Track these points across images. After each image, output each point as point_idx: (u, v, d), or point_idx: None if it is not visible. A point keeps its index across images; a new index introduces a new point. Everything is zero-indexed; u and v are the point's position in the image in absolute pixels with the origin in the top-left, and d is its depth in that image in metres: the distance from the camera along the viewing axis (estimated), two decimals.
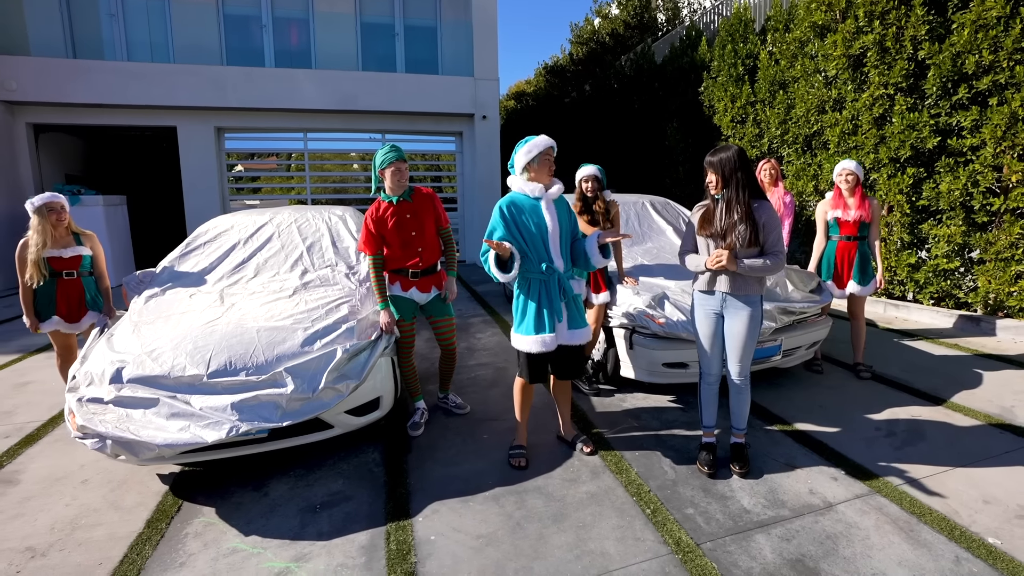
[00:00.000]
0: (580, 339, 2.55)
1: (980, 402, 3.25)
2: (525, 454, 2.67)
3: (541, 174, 2.47)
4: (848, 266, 3.62)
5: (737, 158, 2.28)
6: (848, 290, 3.64)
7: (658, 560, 1.97)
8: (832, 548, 2.01)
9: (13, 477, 2.66)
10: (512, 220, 2.45)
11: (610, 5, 17.14)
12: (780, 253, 2.34)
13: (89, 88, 8.57)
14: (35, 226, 3.00)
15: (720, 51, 7.79)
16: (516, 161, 2.49)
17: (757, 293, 2.40)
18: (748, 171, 2.31)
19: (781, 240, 2.36)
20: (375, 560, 2.02)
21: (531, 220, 2.46)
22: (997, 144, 4.46)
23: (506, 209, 2.46)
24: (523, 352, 2.52)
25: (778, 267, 2.32)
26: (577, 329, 2.54)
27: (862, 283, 3.60)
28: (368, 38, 10.09)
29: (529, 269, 2.47)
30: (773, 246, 2.33)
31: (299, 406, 2.40)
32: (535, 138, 2.46)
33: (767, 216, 2.32)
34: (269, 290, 3.17)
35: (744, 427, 2.59)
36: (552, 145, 2.46)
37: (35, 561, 2.05)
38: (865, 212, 3.54)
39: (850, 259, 3.61)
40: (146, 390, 2.34)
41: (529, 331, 2.46)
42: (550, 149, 2.46)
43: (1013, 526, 2.11)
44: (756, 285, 2.40)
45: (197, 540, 2.16)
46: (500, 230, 2.45)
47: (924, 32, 4.91)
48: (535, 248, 2.47)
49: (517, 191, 2.50)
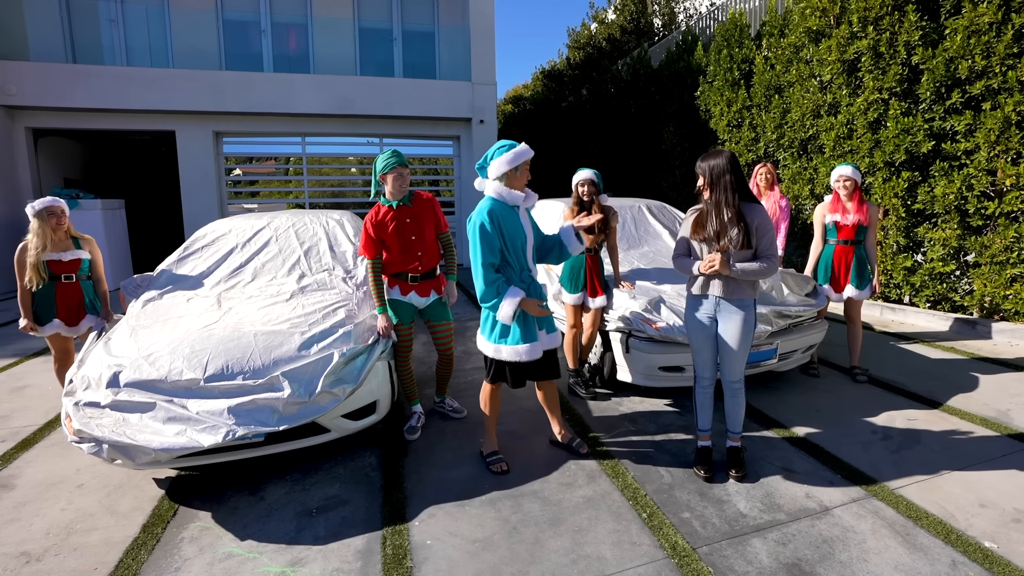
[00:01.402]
0: (556, 342, 2.60)
1: (976, 405, 3.26)
2: (503, 457, 2.68)
3: (520, 182, 2.44)
4: (845, 270, 3.63)
5: (726, 162, 2.30)
6: (845, 294, 3.65)
7: (654, 564, 1.97)
8: (828, 552, 2.01)
9: (9, 482, 2.66)
10: (498, 232, 2.38)
11: (607, 10, 17.25)
12: (773, 256, 2.35)
13: (89, 93, 8.58)
14: (35, 229, 3.01)
15: (716, 56, 7.85)
16: (495, 167, 2.40)
17: (750, 297, 2.41)
18: (738, 174, 2.31)
19: (774, 244, 2.37)
20: (371, 565, 2.01)
21: (511, 228, 2.41)
22: (991, 148, 4.49)
23: (488, 223, 2.34)
24: (507, 361, 2.47)
25: (771, 271, 2.33)
26: (553, 333, 2.59)
27: (859, 287, 3.61)
28: (366, 43, 10.13)
29: (511, 278, 2.45)
30: (766, 249, 2.34)
31: (296, 410, 2.40)
32: (517, 145, 2.42)
33: (759, 219, 2.33)
34: (266, 294, 3.18)
35: (739, 431, 2.59)
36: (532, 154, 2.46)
37: (30, 566, 2.04)
38: (863, 216, 3.55)
39: (847, 263, 3.61)
40: (143, 394, 2.34)
41: (517, 340, 2.43)
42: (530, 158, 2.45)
43: (1009, 530, 2.11)
44: (749, 289, 2.41)
45: (193, 545, 2.16)
46: (495, 248, 2.37)
47: (918, 37, 4.95)
48: (516, 256, 2.46)
49: (496, 197, 2.42)
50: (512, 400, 3.45)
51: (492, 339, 2.49)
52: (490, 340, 2.50)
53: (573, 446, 2.79)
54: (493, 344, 2.48)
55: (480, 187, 2.49)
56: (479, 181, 2.51)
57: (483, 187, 2.48)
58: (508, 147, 2.41)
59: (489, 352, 2.51)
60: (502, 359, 2.47)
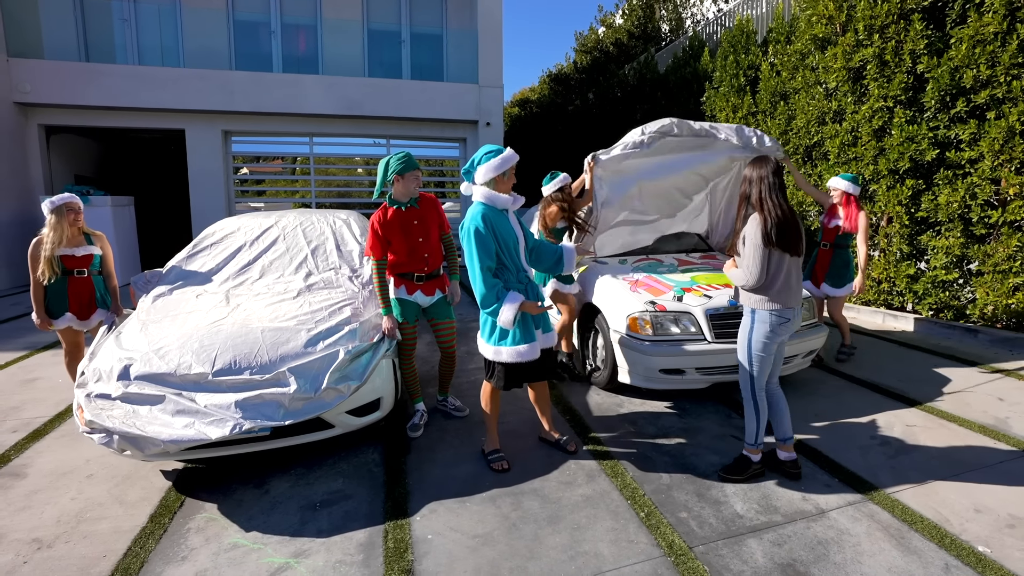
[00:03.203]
0: (552, 341, 2.70)
1: (975, 413, 3.28)
2: (504, 456, 2.74)
3: (506, 186, 2.53)
4: (823, 270, 4.14)
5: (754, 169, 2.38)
6: (823, 290, 4.14)
7: (651, 562, 2.00)
8: (823, 553, 2.04)
9: (20, 471, 2.72)
10: (492, 234, 2.44)
11: (614, 15, 17.31)
12: (744, 268, 2.36)
13: (100, 91, 8.71)
14: (52, 224, 3.08)
15: (722, 62, 7.88)
16: (482, 172, 2.49)
17: (750, 306, 2.44)
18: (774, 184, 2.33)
19: (750, 256, 2.33)
20: (373, 557, 2.05)
21: (503, 230, 2.49)
22: (995, 157, 4.50)
23: (483, 226, 2.41)
24: (506, 363, 2.52)
25: (738, 279, 2.41)
26: (549, 332, 2.68)
27: (834, 286, 4.08)
28: (375, 45, 10.24)
29: (508, 280, 2.52)
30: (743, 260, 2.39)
31: (301, 405, 2.45)
32: (504, 151, 2.51)
33: (747, 230, 2.36)
34: (274, 292, 3.23)
35: (749, 441, 2.54)
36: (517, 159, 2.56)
37: (41, 552, 2.10)
38: (850, 224, 3.92)
39: (826, 264, 4.10)
40: (153, 387, 2.40)
41: (517, 341, 2.48)
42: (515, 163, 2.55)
43: (1003, 535, 2.13)
44: (744, 296, 2.46)
45: (199, 535, 2.21)
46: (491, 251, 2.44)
47: (923, 46, 4.97)
48: (511, 258, 2.54)
49: (486, 201, 2.49)
50: (513, 400, 3.49)
51: (492, 342, 2.54)
52: (490, 343, 2.55)
53: (561, 443, 2.85)
54: (493, 347, 2.53)
55: (467, 191, 2.59)
56: (465, 186, 2.60)
57: (470, 191, 2.57)
58: (495, 152, 2.50)
59: (489, 355, 2.56)
60: (502, 361, 2.52)
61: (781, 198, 2.32)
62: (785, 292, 2.36)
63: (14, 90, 8.45)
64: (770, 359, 2.45)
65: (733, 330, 3.29)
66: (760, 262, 2.30)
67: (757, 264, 2.31)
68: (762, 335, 2.40)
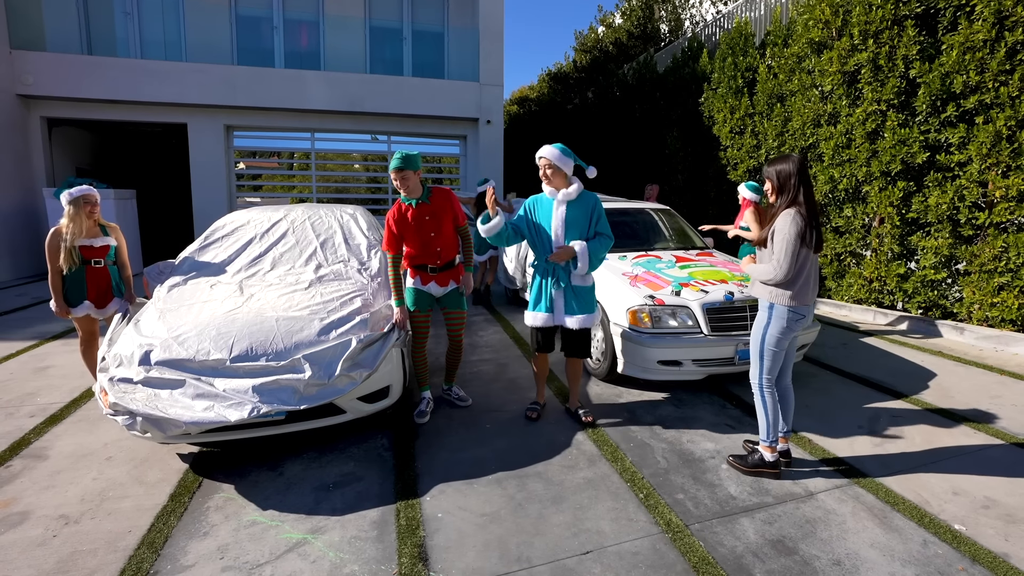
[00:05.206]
0: (576, 324, 3.00)
1: (958, 405, 3.42)
2: (539, 410, 3.22)
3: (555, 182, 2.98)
4: None
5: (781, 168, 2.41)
6: None
7: (649, 538, 2.13)
8: (811, 531, 2.17)
9: (42, 452, 2.81)
10: (527, 213, 3.07)
11: (614, 15, 17.41)
12: (776, 262, 2.35)
13: (103, 84, 8.74)
14: (71, 215, 3.16)
15: (721, 63, 8.00)
16: None
17: (766, 299, 2.47)
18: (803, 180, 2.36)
19: (782, 251, 2.33)
20: (386, 534, 2.17)
21: (542, 217, 3.01)
22: (983, 161, 4.65)
23: (528, 205, 3.09)
24: (529, 326, 3.09)
25: (764, 274, 2.40)
26: (572, 315, 3.00)
27: None
28: (376, 42, 10.30)
29: (537, 258, 3.05)
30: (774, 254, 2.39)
31: (315, 391, 2.56)
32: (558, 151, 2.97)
33: (777, 225, 2.37)
34: (286, 282, 3.33)
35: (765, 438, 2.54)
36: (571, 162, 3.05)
37: (69, 527, 2.20)
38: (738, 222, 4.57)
39: None
40: (173, 372, 2.50)
41: (531, 308, 3.08)
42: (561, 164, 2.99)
43: (978, 515, 2.27)
44: (762, 290, 2.49)
45: (219, 513, 2.31)
46: (516, 217, 3.09)
47: (915, 52, 5.11)
48: (540, 241, 3.02)
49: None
50: (519, 391, 3.62)
51: (528, 309, 3.10)
52: (528, 310, 3.10)
53: (580, 414, 3.17)
54: (529, 312, 3.09)
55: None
56: None
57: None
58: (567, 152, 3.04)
59: (528, 320, 3.10)
60: (527, 324, 3.10)
61: (810, 195, 2.36)
62: (805, 289, 2.40)
63: (17, 82, 8.47)
64: (782, 354, 2.49)
65: (729, 324, 3.42)
66: (792, 257, 2.30)
67: (789, 259, 2.30)
68: (777, 330, 2.43)
